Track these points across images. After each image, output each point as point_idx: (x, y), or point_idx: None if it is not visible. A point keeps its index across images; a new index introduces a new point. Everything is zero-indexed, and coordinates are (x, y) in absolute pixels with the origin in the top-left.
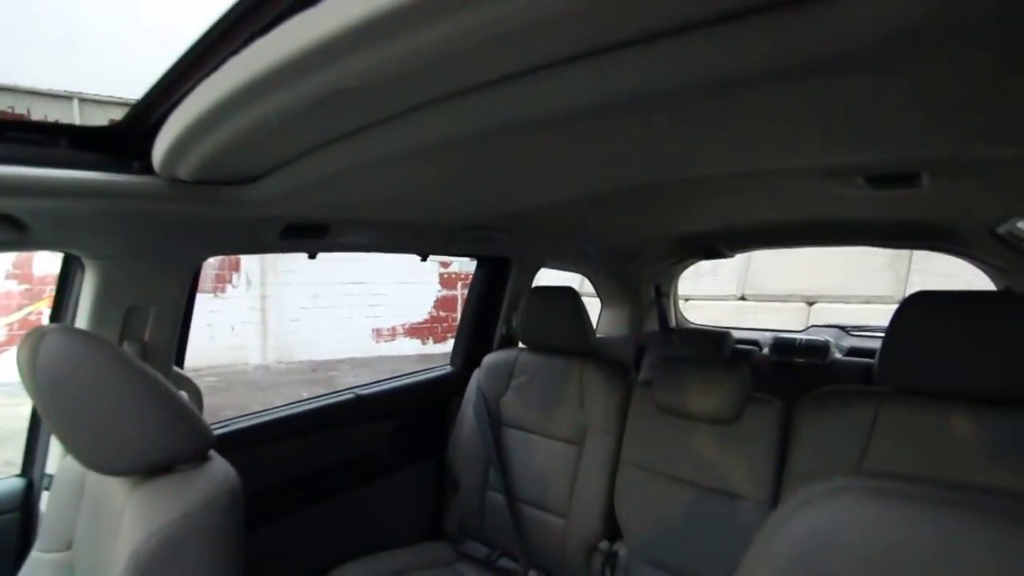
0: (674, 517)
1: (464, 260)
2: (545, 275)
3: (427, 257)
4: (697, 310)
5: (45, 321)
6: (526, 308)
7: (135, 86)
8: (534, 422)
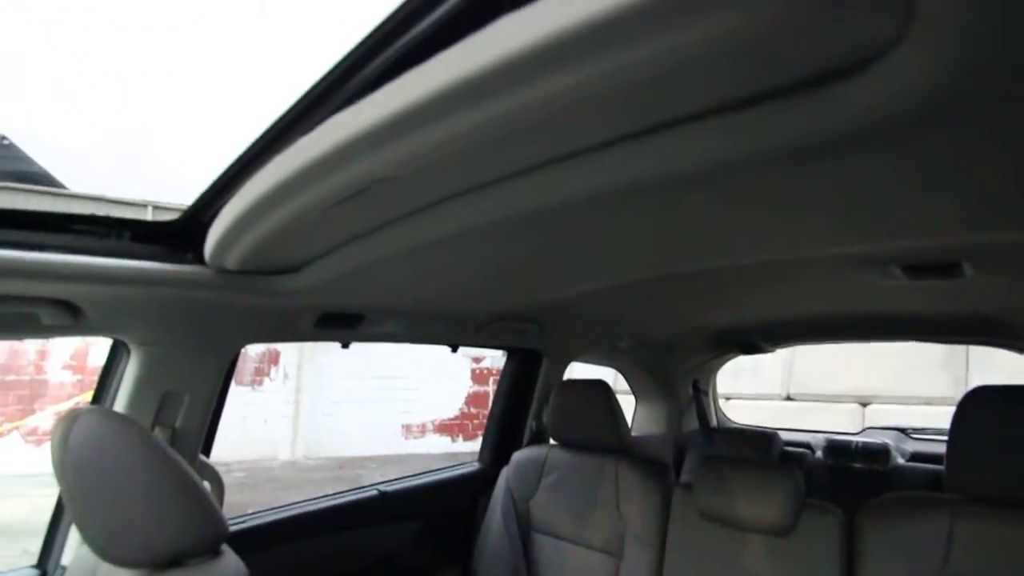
0: None
1: (496, 355)
2: (577, 371)
3: (457, 348)
4: (738, 410)
5: None
6: (557, 402)
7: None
8: (567, 528)
